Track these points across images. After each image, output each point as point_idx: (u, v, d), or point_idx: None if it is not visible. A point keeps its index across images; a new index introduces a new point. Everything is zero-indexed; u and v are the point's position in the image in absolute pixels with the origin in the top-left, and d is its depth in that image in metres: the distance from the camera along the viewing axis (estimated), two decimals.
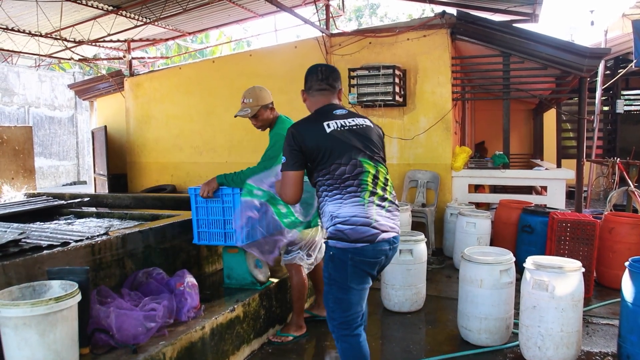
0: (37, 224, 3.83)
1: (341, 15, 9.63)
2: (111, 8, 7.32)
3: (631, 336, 2.84)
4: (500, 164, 6.26)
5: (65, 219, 4.23)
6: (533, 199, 5.88)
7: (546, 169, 6.74)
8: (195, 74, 7.70)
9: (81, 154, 15.81)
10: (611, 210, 5.78)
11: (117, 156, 8.65)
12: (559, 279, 2.94)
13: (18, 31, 7.58)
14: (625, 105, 10.88)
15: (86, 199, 4.94)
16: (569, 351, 2.98)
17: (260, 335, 3.34)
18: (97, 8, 7.21)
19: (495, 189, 7.08)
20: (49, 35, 7.96)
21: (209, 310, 2.96)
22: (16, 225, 3.35)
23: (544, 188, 6.75)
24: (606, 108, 10.47)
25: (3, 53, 11.85)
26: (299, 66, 6.74)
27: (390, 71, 5.98)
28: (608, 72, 9.40)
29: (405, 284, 3.89)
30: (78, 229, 3.35)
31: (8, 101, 13.50)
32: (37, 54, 9.30)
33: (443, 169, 6.17)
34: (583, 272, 3.04)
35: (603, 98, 9.26)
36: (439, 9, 6.40)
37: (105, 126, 8.70)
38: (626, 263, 2.91)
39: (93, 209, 4.70)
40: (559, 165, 8.60)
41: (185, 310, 2.75)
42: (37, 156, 11.76)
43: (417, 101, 6.26)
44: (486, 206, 6.94)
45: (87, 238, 2.80)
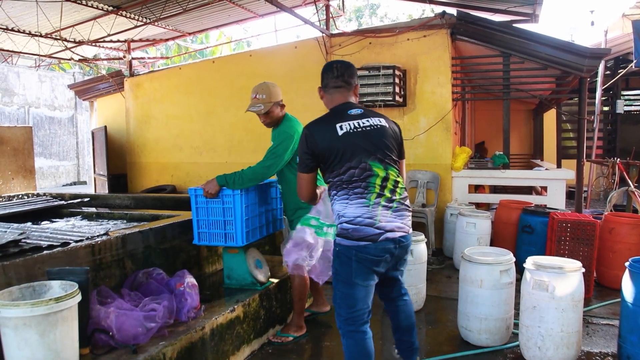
0: (37, 224, 3.83)
1: (341, 15, 9.63)
2: (111, 8, 7.32)
3: (631, 336, 2.84)
4: (500, 164, 6.26)
5: (65, 219, 4.22)
6: (533, 199, 5.88)
7: (546, 169, 6.75)
8: (195, 74, 7.70)
9: (81, 154, 15.81)
10: (611, 210, 5.78)
11: (117, 156, 8.66)
12: (559, 279, 2.94)
13: (18, 31, 7.58)
14: (625, 105, 10.88)
15: (86, 199, 4.94)
16: (569, 351, 2.98)
17: (260, 335, 3.35)
18: (97, 8, 7.22)
19: (495, 189, 7.08)
20: (49, 35, 7.96)
21: (209, 310, 2.95)
22: (16, 225, 3.34)
23: (544, 188, 6.75)
24: (606, 108, 10.47)
25: (3, 53, 11.86)
26: (299, 66, 6.83)
27: (390, 71, 5.98)
28: (608, 73, 9.40)
29: (405, 284, 3.88)
30: (78, 229, 3.35)
31: (8, 101, 13.51)
32: (37, 54, 9.30)
33: (443, 169, 6.17)
34: (583, 273, 3.04)
35: (603, 98, 9.26)
36: (439, 9, 6.40)
37: (105, 126, 8.71)
38: (626, 263, 2.91)
39: (93, 210, 4.69)
40: (559, 165, 8.61)
41: (185, 310, 2.75)
42: (37, 156, 11.77)
43: (417, 101, 6.26)
44: (486, 206, 6.94)
45: (87, 238, 2.80)
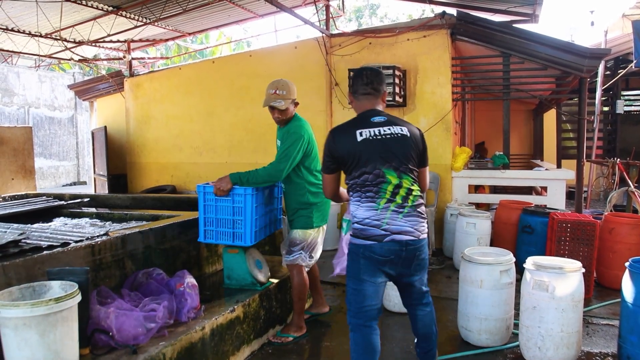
0: (37, 225, 3.82)
1: (341, 15, 9.64)
2: (111, 8, 7.32)
3: (631, 337, 2.84)
4: (500, 165, 6.26)
5: (65, 220, 4.22)
6: (533, 200, 5.88)
7: (546, 170, 6.74)
8: (195, 75, 7.70)
9: (81, 155, 15.81)
10: (611, 210, 5.77)
11: (117, 156, 8.66)
12: (559, 280, 2.94)
13: (18, 31, 7.59)
14: (625, 105, 10.88)
15: (86, 200, 4.93)
16: (569, 352, 2.98)
17: (260, 335, 3.34)
18: (97, 8, 7.22)
19: (495, 190, 7.08)
20: (49, 35, 7.96)
21: (209, 310, 2.95)
22: (16, 225, 3.34)
23: (544, 188, 6.75)
24: (606, 108, 10.47)
25: (3, 53, 11.86)
26: (299, 67, 6.83)
27: (390, 71, 5.98)
28: (608, 73, 9.40)
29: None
30: (78, 230, 3.35)
31: (8, 101, 13.51)
32: (37, 55, 9.31)
33: (443, 170, 6.17)
34: (583, 273, 3.05)
35: (603, 98, 9.26)
36: (439, 10, 6.40)
37: (105, 126, 8.71)
38: (626, 263, 2.91)
39: (93, 210, 4.69)
40: (559, 165, 8.60)
41: (185, 310, 2.75)
42: (37, 157, 11.77)
43: (417, 102, 6.26)
44: (486, 207, 6.94)
45: (87, 238, 2.79)
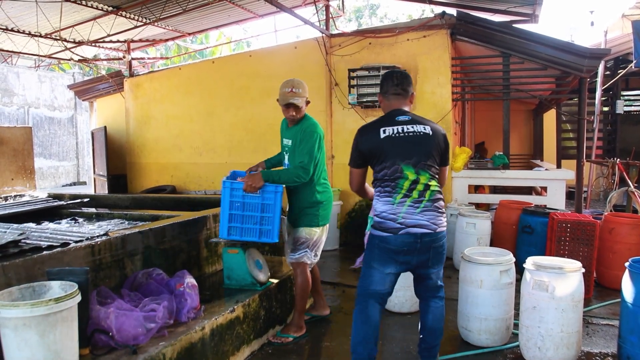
0: (37, 225, 3.82)
1: (341, 15, 9.64)
2: (111, 8, 7.32)
3: (631, 337, 2.84)
4: (500, 165, 6.26)
5: (65, 220, 4.22)
6: (533, 200, 5.89)
7: (546, 170, 6.75)
8: (195, 75, 7.70)
9: (81, 155, 15.80)
10: (611, 210, 5.77)
11: (117, 157, 8.65)
12: (559, 280, 2.94)
13: (18, 32, 7.58)
14: (625, 105, 10.88)
15: (86, 200, 4.93)
16: (569, 352, 2.98)
17: (260, 336, 3.34)
18: (97, 9, 7.21)
19: (495, 190, 7.08)
20: (49, 35, 7.96)
21: (209, 310, 2.95)
22: (16, 225, 3.34)
23: (544, 188, 6.75)
24: (606, 108, 10.47)
25: (3, 53, 11.86)
26: (299, 67, 6.82)
27: None
28: (608, 73, 9.39)
29: (405, 285, 3.87)
30: (78, 230, 3.35)
31: (8, 102, 13.50)
32: (37, 55, 9.30)
33: None
34: (583, 273, 3.05)
35: (603, 98, 9.26)
36: (439, 10, 6.40)
37: (105, 127, 8.71)
38: (626, 264, 2.91)
39: (93, 210, 4.69)
40: (559, 165, 8.60)
41: (185, 310, 2.75)
42: (37, 157, 11.76)
43: (417, 102, 6.25)
44: (486, 207, 6.94)
45: (87, 239, 2.79)
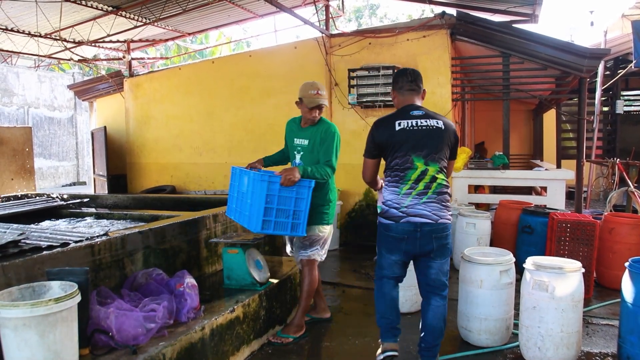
0: (37, 225, 3.82)
1: (341, 15, 9.64)
2: (111, 8, 7.32)
3: (631, 337, 2.84)
4: (500, 165, 6.26)
5: (65, 220, 4.22)
6: (533, 200, 5.89)
7: (546, 170, 6.75)
8: (194, 75, 7.70)
9: (81, 155, 15.80)
10: (611, 210, 5.77)
11: (117, 157, 8.65)
12: (559, 280, 2.94)
13: (17, 32, 7.58)
14: (625, 105, 10.87)
15: (86, 200, 4.94)
16: (569, 352, 2.98)
17: (260, 336, 3.34)
18: (97, 9, 7.21)
19: (495, 190, 7.07)
20: (49, 35, 7.96)
21: (209, 311, 2.95)
22: (16, 225, 3.33)
23: (544, 188, 6.75)
24: (606, 108, 10.47)
25: (3, 53, 11.85)
26: (299, 67, 6.82)
27: (390, 72, 5.99)
28: (608, 73, 9.39)
29: (405, 285, 3.85)
30: (78, 230, 3.35)
31: (7, 102, 13.50)
32: (37, 55, 9.29)
33: None
34: (583, 273, 3.05)
35: (603, 98, 9.26)
36: (439, 10, 6.40)
37: (104, 127, 8.71)
38: (626, 264, 2.91)
39: (93, 210, 4.69)
40: (559, 165, 8.60)
41: (185, 311, 2.74)
42: (37, 157, 11.76)
43: None
44: (486, 207, 6.94)
45: (87, 239, 2.79)
